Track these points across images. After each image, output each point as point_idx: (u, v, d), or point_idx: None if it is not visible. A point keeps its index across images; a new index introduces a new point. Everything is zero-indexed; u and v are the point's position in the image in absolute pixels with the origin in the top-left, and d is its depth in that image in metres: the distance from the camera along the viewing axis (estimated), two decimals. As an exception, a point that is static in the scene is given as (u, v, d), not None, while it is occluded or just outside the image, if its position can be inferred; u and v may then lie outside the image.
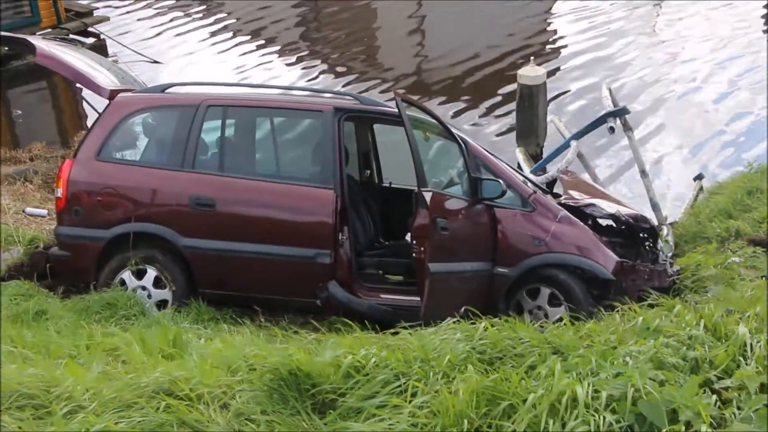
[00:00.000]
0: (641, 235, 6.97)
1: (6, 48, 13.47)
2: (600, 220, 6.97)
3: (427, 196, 5.74)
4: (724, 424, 2.90)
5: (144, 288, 6.48)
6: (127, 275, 6.49)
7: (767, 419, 2.80)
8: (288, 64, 16.02)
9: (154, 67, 15.58)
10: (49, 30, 15.78)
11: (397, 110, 5.79)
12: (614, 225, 7.01)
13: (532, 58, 11.60)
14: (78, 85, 8.77)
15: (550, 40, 17.16)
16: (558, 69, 14.99)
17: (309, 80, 15.00)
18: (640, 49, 15.92)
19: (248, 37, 17.64)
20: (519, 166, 10.00)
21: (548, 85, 11.66)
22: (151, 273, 6.49)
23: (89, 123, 10.11)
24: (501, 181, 6.15)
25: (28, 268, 7.14)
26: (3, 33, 9.92)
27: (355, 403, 3.30)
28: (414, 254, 5.87)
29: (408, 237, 6.69)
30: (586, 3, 19.14)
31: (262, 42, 17.28)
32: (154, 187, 6.52)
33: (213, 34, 17.96)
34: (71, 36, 15.63)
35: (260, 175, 6.62)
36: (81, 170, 6.56)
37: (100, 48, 15.96)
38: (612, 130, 8.89)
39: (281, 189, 6.49)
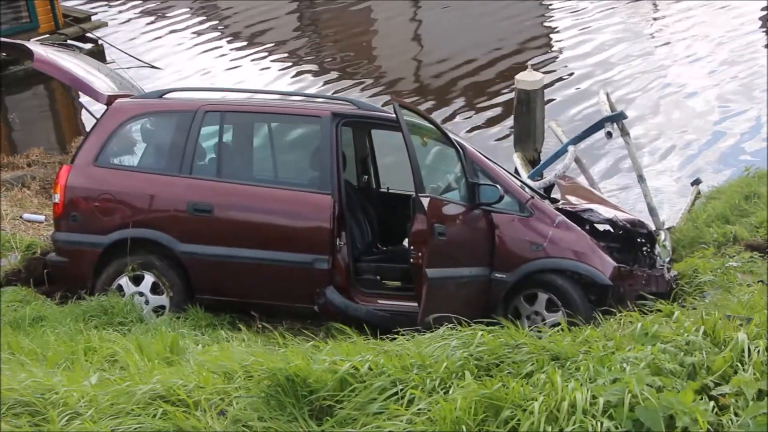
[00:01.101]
0: (639, 240, 6.98)
1: (4, 53, 13.47)
2: (597, 225, 6.97)
3: (425, 201, 5.74)
4: (721, 430, 2.90)
5: (141, 294, 6.47)
6: (124, 281, 6.48)
7: (766, 426, 2.80)
8: (285, 69, 16.02)
9: (152, 72, 15.59)
10: (47, 35, 15.79)
11: (394, 115, 5.79)
12: (612, 230, 7.01)
13: (529, 64, 11.61)
14: (76, 90, 8.75)
15: (548, 44, 17.19)
16: (555, 73, 15.01)
17: (306, 85, 15.01)
18: (637, 53, 15.95)
19: (245, 42, 17.66)
20: (516, 171, 10.01)
21: (546, 90, 11.67)
22: (149, 279, 6.48)
23: (87, 129, 10.13)
24: (498, 186, 6.16)
25: (26, 274, 7.13)
26: (1, 38, 9.92)
27: (352, 410, 3.29)
28: (411, 260, 5.87)
29: (406, 242, 6.68)
30: (583, 5, 19.17)
31: (259, 46, 17.29)
32: (151, 192, 6.51)
33: (210, 39, 17.97)
34: (69, 41, 15.66)
35: (258, 181, 6.62)
36: (78, 176, 6.55)
37: (98, 53, 15.98)
38: (609, 135, 8.91)
39: (279, 194, 6.48)
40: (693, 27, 17.39)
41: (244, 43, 17.53)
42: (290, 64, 16.26)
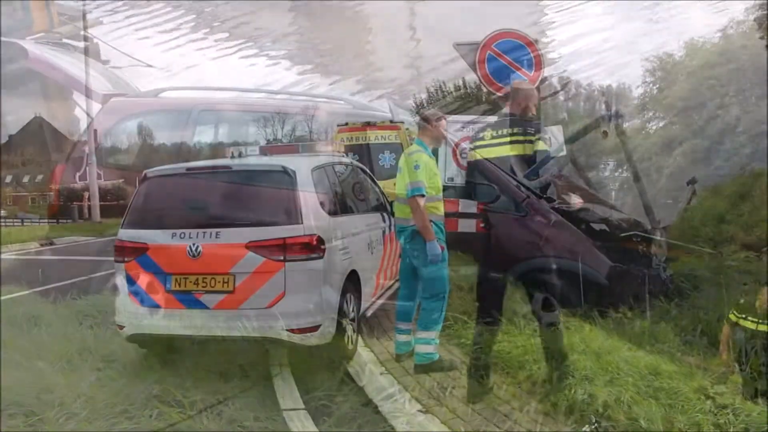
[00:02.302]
0: (634, 239, 6.95)
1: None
2: (593, 225, 6.95)
3: (421, 201, 5.70)
4: (719, 429, 2.89)
5: (137, 293, 6.41)
6: (119, 280, 6.43)
7: (766, 425, 2.80)
8: (280, 68, 15.97)
9: (148, 70, 15.54)
10: (42, 34, 15.72)
11: (389, 114, 5.78)
12: (607, 229, 6.98)
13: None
14: (71, 89, 8.72)
15: (546, 42, 17.14)
16: (553, 72, 14.96)
17: (303, 84, 14.97)
18: (639, 51, 15.95)
19: (242, 41, 17.58)
20: (512, 171, 9.98)
21: (542, 89, 11.63)
22: (145, 277, 6.43)
23: (82, 127, 10.09)
24: (495, 185, 6.13)
25: (21, 272, 7.10)
26: (-4, 37, 9.89)
27: (350, 410, 3.28)
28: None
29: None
30: (583, 5, 19.14)
31: (257, 46, 17.23)
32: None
33: (206, 37, 17.90)
34: (64, 40, 15.60)
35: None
36: (73, 175, 6.52)
37: (93, 52, 15.91)
38: (605, 134, 8.87)
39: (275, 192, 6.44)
40: (695, 25, 17.39)
41: (243, 45, 17.44)
42: (289, 64, 16.21)
